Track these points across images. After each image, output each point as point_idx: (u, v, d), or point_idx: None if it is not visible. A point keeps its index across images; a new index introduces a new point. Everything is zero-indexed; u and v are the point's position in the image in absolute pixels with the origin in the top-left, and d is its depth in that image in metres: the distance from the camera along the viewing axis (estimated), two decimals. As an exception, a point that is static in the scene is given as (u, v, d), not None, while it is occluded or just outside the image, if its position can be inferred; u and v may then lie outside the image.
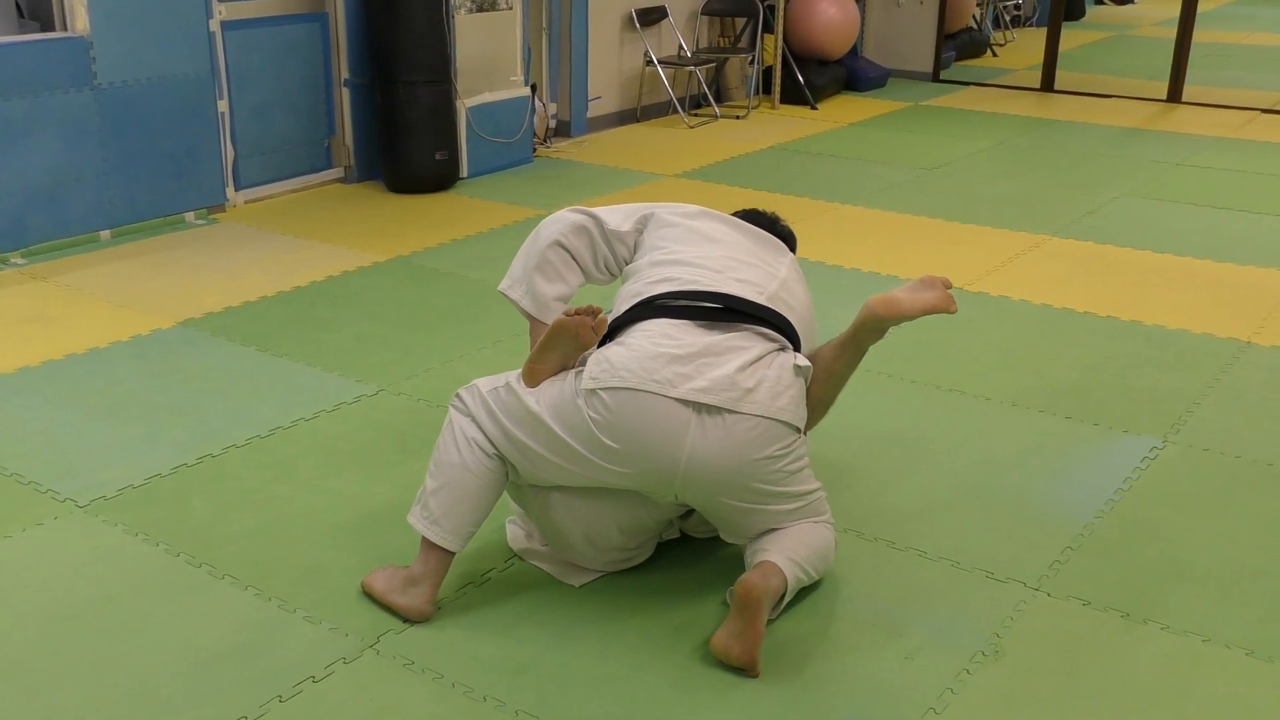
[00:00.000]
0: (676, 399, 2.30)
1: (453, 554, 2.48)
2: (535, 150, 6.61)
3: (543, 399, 2.40)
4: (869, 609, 2.53)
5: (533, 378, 2.44)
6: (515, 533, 2.74)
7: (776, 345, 2.46)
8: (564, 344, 2.40)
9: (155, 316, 4.17)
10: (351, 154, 5.95)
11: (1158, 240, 5.21)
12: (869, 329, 2.52)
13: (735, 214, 2.87)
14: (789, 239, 2.87)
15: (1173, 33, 8.56)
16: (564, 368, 2.44)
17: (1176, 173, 6.49)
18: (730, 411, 2.31)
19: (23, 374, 3.68)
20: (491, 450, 2.44)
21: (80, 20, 4.78)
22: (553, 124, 7.00)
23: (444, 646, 2.39)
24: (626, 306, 2.51)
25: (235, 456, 3.18)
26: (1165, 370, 3.80)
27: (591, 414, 2.32)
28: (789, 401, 2.38)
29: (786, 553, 2.39)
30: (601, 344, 2.44)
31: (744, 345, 2.40)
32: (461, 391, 2.52)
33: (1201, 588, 2.62)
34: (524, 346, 3.94)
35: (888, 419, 3.44)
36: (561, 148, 6.86)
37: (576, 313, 2.38)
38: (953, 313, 2.49)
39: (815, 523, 2.49)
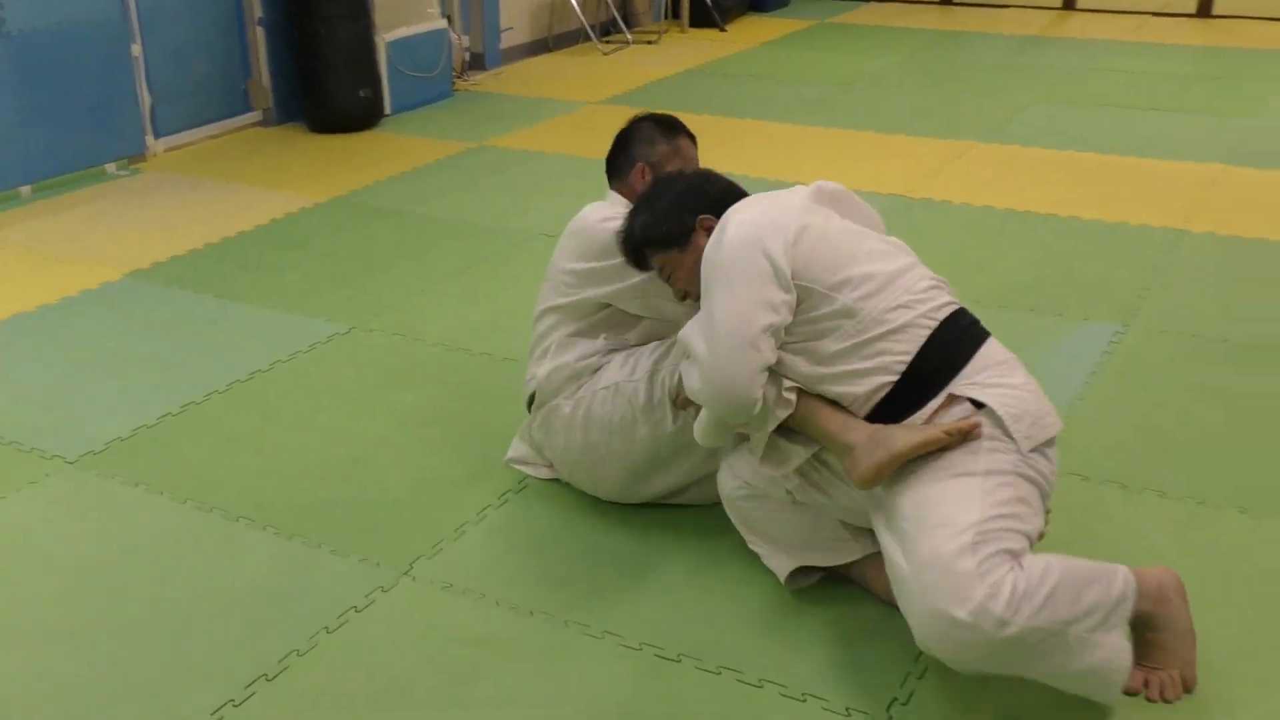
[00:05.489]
0: None
1: None
2: (454, 84, 6.51)
3: None
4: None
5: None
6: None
7: None
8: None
9: (100, 270, 4.03)
10: (270, 95, 5.78)
11: (1078, 141, 5.37)
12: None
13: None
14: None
15: (1063, -60, 8.76)
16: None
17: (1083, 77, 6.67)
18: None
19: (-27, 335, 3.54)
20: None
21: (-19, -35, 4.54)
22: (467, 57, 6.88)
23: (478, 567, 2.40)
24: None
25: (219, 402, 3.12)
26: (1111, 261, 3.95)
27: None
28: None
29: None
30: None
31: None
32: None
33: (1186, 457, 2.77)
34: (481, 277, 3.93)
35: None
36: (479, 80, 6.76)
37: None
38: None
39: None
